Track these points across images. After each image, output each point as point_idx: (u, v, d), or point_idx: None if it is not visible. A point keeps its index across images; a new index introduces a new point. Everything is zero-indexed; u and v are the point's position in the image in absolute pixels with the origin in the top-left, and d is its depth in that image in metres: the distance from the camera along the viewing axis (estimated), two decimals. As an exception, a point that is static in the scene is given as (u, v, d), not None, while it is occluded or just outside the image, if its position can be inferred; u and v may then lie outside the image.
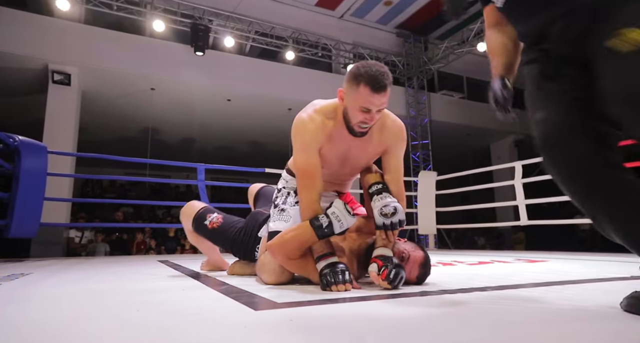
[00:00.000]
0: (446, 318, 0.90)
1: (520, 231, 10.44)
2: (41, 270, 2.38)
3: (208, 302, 1.14)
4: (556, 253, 4.20)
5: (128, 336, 0.75)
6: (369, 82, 1.36)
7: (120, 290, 1.46)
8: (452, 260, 2.97)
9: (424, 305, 1.06)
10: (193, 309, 1.04)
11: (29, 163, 3.81)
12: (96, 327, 0.83)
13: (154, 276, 1.95)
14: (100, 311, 1.02)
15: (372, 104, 1.38)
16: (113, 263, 3.15)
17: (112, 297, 1.30)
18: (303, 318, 0.90)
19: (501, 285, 1.45)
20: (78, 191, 10.66)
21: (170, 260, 3.25)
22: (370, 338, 0.73)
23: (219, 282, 1.62)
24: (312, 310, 0.99)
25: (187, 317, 0.93)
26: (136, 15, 6.98)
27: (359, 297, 1.19)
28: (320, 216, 1.39)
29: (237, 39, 7.74)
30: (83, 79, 6.76)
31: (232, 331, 0.78)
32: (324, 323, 0.85)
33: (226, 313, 0.98)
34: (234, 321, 0.88)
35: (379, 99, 1.38)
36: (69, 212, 6.52)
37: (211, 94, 7.81)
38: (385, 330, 0.78)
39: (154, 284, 1.60)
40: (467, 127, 10.19)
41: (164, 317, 0.94)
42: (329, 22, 8.96)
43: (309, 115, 1.52)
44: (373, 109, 1.40)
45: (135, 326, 0.83)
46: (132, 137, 9.62)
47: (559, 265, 2.47)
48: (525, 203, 5.18)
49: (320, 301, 1.10)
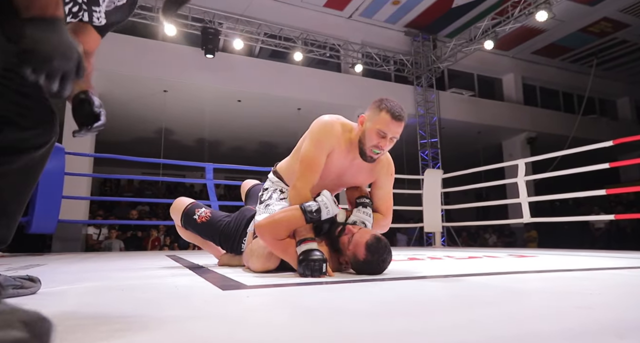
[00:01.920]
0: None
1: (532, 229, 10.39)
2: (54, 262, 2.59)
3: (187, 283, 1.30)
4: (565, 250, 4.20)
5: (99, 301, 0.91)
6: (390, 110, 1.60)
7: (112, 275, 1.64)
8: (445, 256, 3.07)
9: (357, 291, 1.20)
10: (170, 288, 1.20)
11: (48, 163, 4.05)
12: (73, 296, 1.00)
13: (152, 266, 2.13)
14: (89, 282, 1.19)
15: (390, 129, 1.60)
16: (123, 257, 3.36)
17: (102, 279, 1.47)
18: (259, 295, 1.05)
19: (445, 274, 1.63)
20: (97, 189, 11.06)
21: (177, 255, 3.45)
22: (293, 314, 0.87)
23: (208, 271, 1.78)
24: (272, 291, 1.14)
25: (162, 293, 1.09)
26: (149, 20, 7.24)
27: (323, 282, 1.33)
28: (310, 202, 1.54)
29: (247, 41, 7.94)
30: (99, 82, 7.04)
31: (191, 304, 0.93)
32: (274, 301, 1.00)
33: (197, 291, 1.14)
34: (200, 297, 1.03)
35: (396, 127, 1.61)
36: (87, 210, 6.83)
37: (222, 95, 8.03)
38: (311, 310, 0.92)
39: (146, 273, 1.77)
40: (477, 124, 10.18)
41: (141, 294, 1.10)
42: (337, 22, 9.08)
43: (335, 122, 1.71)
44: (389, 134, 1.61)
45: (111, 298, 1.00)
46: (147, 137, 9.94)
47: (540, 260, 2.56)
48: (528, 200, 5.23)
49: (285, 284, 1.25)
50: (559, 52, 10.89)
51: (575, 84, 11.64)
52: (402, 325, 0.70)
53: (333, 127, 1.68)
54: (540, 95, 11.93)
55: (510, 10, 7.64)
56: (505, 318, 0.76)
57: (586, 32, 9.86)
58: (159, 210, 9.84)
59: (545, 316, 0.78)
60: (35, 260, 2.75)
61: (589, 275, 1.59)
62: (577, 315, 0.78)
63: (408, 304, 0.91)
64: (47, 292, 1.13)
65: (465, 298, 1.00)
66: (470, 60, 9.47)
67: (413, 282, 1.35)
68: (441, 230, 6.60)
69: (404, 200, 7.27)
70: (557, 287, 1.25)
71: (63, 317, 0.78)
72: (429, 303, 0.94)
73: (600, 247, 9.25)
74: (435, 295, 1.07)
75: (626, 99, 13.04)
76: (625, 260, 2.45)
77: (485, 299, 0.99)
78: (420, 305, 0.91)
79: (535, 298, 1.02)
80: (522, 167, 5.26)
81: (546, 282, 1.39)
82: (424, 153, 9.41)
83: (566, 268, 1.93)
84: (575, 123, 10.41)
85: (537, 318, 0.75)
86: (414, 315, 0.79)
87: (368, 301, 0.97)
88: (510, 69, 11.03)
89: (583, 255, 3.08)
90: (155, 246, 6.86)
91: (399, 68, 9.49)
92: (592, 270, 1.83)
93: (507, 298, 1.00)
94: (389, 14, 9.12)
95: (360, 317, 0.76)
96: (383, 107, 1.62)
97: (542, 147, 9.62)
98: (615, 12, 9.00)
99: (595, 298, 0.98)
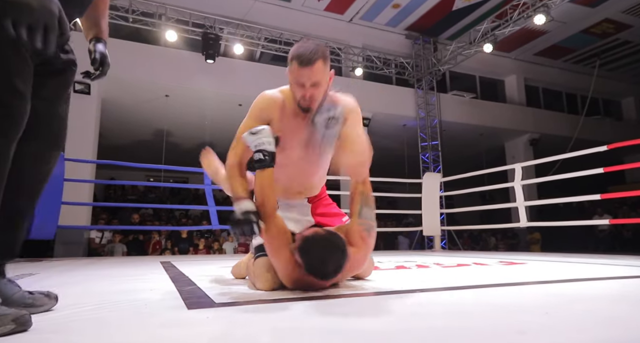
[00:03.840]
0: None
1: (535, 231, 10.34)
2: (49, 270, 2.66)
3: (158, 298, 1.34)
4: (565, 255, 4.17)
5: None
6: (295, 58, 1.49)
7: (92, 289, 1.69)
8: (434, 263, 3.09)
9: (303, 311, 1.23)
10: (139, 306, 1.24)
11: (47, 170, 4.13)
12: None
13: (142, 278, 2.18)
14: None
15: (302, 76, 1.49)
16: (119, 263, 3.42)
17: (76, 295, 1.52)
18: (220, 317, 1.09)
19: (412, 289, 1.61)
20: (102, 193, 11.20)
21: (172, 262, 3.50)
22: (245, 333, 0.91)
23: (190, 283, 1.82)
24: (237, 309, 1.18)
25: (126, 312, 1.13)
26: (150, 26, 7.33)
27: (305, 297, 1.36)
28: (254, 156, 1.49)
29: (247, 46, 8.00)
30: (102, 87, 7.15)
31: (145, 329, 0.98)
32: (228, 319, 1.04)
33: (161, 311, 1.18)
34: (159, 319, 1.07)
35: (308, 73, 1.48)
36: (89, 214, 6.93)
37: (223, 99, 8.11)
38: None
39: (128, 285, 1.82)
40: (479, 126, 10.17)
41: (107, 312, 1.14)
42: (338, 26, 9.12)
43: (272, 92, 1.67)
44: (305, 82, 1.50)
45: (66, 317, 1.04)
46: (149, 141, 10.06)
47: (526, 268, 2.57)
48: (526, 204, 5.23)
49: (256, 301, 1.29)
50: (561, 53, 10.84)
51: (579, 84, 11.57)
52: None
53: (266, 97, 1.66)
54: (543, 96, 11.87)
55: (510, 13, 7.63)
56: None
57: (588, 33, 9.80)
58: (162, 213, 9.94)
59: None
60: (30, 267, 2.82)
61: (563, 289, 1.60)
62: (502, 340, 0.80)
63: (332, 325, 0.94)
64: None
65: (395, 317, 1.03)
66: (472, 62, 9.47)
67: (367, 300, 1.38)
68: (440, 234, 6.59)
69: (405, 204, 7.30)
70: (510, 304, 1.27)
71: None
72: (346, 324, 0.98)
73: (604, 249, 9.19)
74: (367, 314, 1.10)
75: (631, 99, 12.94)
76: (617, 268, 2.46)
77: (420, 318, 1.02)
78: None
79: (469, 317, 1.04)
80: (518, 171, 5.25)
81: (502, 298, 1.41)
82: (425, 156, 9.41)
83: (545, 279, 1.94)
84: (578, 124, 10.35)
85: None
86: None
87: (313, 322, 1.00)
88: (512, 70, 11.00)
89: (576, 262, 3.08)
90: (156, 250, 6.94)
91: (400, 71, 9.50)
92: (574, 281, 1.83)
93: (431, 318, 1.03)
94: (389, 17, 9.14)
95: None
96: (291, 56, 1.52)
97: (545, 149, 9.59)
98: (617, 13, 8.94)
99: (543, 319, 1.00)
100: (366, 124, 8.28)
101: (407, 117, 9.43)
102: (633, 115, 12.88)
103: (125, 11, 7.06)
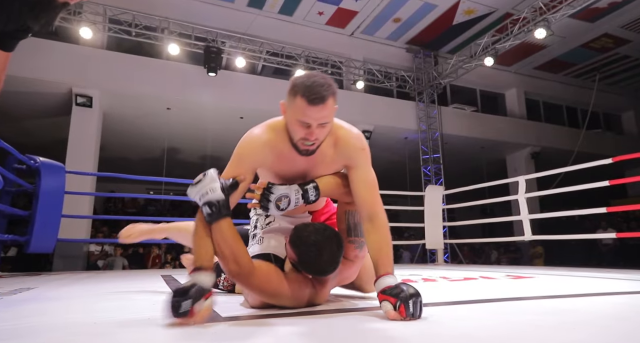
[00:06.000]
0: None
1: (538, 245, 10.25)
2: (48, 284, 2.60)
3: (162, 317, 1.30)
4: (568, 269, 4.12)
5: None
6: (305, 94, 1.25)
7: (94, 305, 1.64)
8: (440, 276, 3.04)
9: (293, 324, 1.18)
10: (142, 321, 1.20)
11: (47, 182, 4.08)
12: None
13: (143, 292, 2.13)
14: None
15: (310, 117, 1.26)
16: (119, 277, 3.36)
17: (79, 312, 1.47)
18: (228, 331, 1.05)
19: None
20: (101, 206, 11.13)
21: (172, 275, 3.44)
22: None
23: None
24: (243, 323, 1.13)
25: (128, 327, 1.09)
26: (153, 40, 7.38)
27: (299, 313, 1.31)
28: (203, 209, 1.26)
29: (249, 59, 8.05)
30: (104, 101, 7.17)
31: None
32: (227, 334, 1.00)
33: (164, 325, 1.13)
34: (165, 334, 1.03)
35: (317, 112, 1.26)
36: (89, 227, 6.87)
37: (224, 112, 8.12)
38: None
39: (131, 301, 1.77)
40: (480, 139, 10.17)
41: (105, 328, 1.10)
42: (339, 40, 9.20)
43: (257, 131, 1.42)
44: (312, 123, 1.27)
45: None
46: (150, 154, 10.05)
47: (536, 282, 2.52)
48: (530, 217, 5.18)
49: (262, 316, 1.24)
50: (561, 67, 10.92)
51: (579, 98, 11.63)
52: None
53: (252, 141, 1.39)
54: (543, 109, 11.91)
55: (510, 28, 7.70)
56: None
57: (588, 48, 9.89)
58: (162, 226, 9.85)
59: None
60: (29, 282, 2.76)
61: (579, 303, 1.56)
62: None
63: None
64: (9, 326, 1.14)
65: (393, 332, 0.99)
66: (473, 76, 9.52)
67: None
68: (443, 247, 6.53)
69: (407, 217, 7.27)
70: (531, 319, 1.23)
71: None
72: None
73: (608, 263, 9.09)
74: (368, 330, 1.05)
75: (631, 113, 12.98)
76: (627, 283, 2.40)
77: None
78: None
79: (492, 329, 1.00)
80: (522, 184, 5.21)
81: (519, 312, 1.37)
82: (427, 169, 9.39)
83: (559, 293, 1.89)
84: (579, 138, 10.35)
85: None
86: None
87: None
88: (512, 84, 11.06)
89: (586, 276, 3.03)
90: (156, 263, 6.86)
91: (401, 84, 9.55)
92: (589, 296, 1.79)
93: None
94: (390, 31, 9.23)
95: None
96: (297, 90, 1.26)
97: (546, 162, 9.56)
98: (616, 29, 9.03)
99: (572, 334, 0.96)
100: (368, 136, 8.28)
101: (408, 130, 9.44)
102: (633, 129, 12.90)
103: (129, 25, 7.12)
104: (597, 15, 8.52)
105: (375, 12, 8.50)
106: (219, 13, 8.12)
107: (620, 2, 8.07)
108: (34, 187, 4.03)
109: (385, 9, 8.40)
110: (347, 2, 8.14)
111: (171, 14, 7.48)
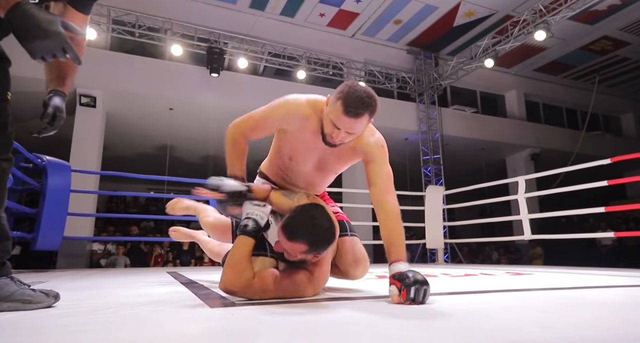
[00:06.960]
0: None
1: (537, 246, 10.29)
2: (57, 279, 2.65)
3: (179, 300, 1.35)
4: (568, 268, 4.15)
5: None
6: (344, 102, 1.35)
7: (107, 293, 1.69)
8: (441, 273, 3.09)
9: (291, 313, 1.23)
10: (161, 305, 1.25)
11: (54, 181, 4.14)
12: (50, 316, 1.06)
13: (154, 284, 2.18)
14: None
15: (341, 123, 1.37)
16: (126, 273, 3.41)
17: (103, 297, 1.53)
18: (245, 314, 1.10)
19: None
20: (104, 205, 11.18)
21: (178, 271, 3.50)
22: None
23: (203, 287, 1.83)
24: (258, 308, 1.19)
25: (149, 311, 1.14)
26: (156, 41, 7.45)
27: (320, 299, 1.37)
28: (242, 221, 1.41)
29: (251, 60, 8.11)
30: (107, 101, 7.22)
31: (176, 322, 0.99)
32: (247, 318, 1.05)
33: (184, 308, 1.19)
34: (184, 316, 1.08)
35: (349, 123, 1.36)
36: (92, 226, 6.91)
37: (226, 113, 8.13)
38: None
39: (144, 290, 1.82)
40: (480, 141, 10.22)
41: (130, 312, 1.15)
42: (340, 41, 9.25)
43: (299, 102, 1.53)
44: (341, 128, 1.39)
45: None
46: (153, 154, 10.10)
47: (533, 278, 2.57)
48: (529, 217, 5.24)
49: (274, 302, 1.30)
50: (561, 69, 10.99)
51: (579, 100, 11.69)
52: None
53: (292, 106, 1.52)
54: (543, 111, 11.98)
55: (510, 30, 7.76)
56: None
57: (587, 50, 9.96)
58: (163, 226, 9.91)
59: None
60: (40, 276, 2.82)
61: (574, 293, 1.61)
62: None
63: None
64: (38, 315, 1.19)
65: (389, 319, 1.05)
66: (473, 78, 9.58)
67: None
68: (443, 247, 6.58)
69: (408, 217, 7.32)
70: (524, 306, 1.28)
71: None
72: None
73: (607, 264, 9.14)
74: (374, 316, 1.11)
75: (630, 115, 13.05)
76: (624, 278, 2.46)
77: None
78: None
79: (489, 316, 1.05)
80: (522, 184, 5.27)
81: (515, 300, 1.42)
82: (427, 169, 9.44)
83: (554, 286, 1.95)
84: (579, 139, 10.42)
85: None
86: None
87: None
88: (512, 85, 11.12)
89: (583, 273, 3.08)
90: (158, 262, 6.90)
91: (402, 85, 9.61)
92: (585, 288, 1.84)
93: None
94: (391, 33, 9.29)
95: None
96: (340, 96, 1.37)
97: (546, 163, 9.61)
98: (615, 31, 9.10)
99: (562, 316, 1.02)
100: (368, 137, 8.31)
101: (408, 131, 9.50)
102: (632, 131, 12.97)
103: (132, 26, 7.18)
104: (596, 18, 8.59)
105: (376, 14, 8.56)
106: (221, 14, 8.18)
107: (619, 4, 8.15)
108: (40, 185, 4.08)
109: (386, 11, 8.47)
110: (348, 3, 8.21)
111: (174, 15, 7.54)
